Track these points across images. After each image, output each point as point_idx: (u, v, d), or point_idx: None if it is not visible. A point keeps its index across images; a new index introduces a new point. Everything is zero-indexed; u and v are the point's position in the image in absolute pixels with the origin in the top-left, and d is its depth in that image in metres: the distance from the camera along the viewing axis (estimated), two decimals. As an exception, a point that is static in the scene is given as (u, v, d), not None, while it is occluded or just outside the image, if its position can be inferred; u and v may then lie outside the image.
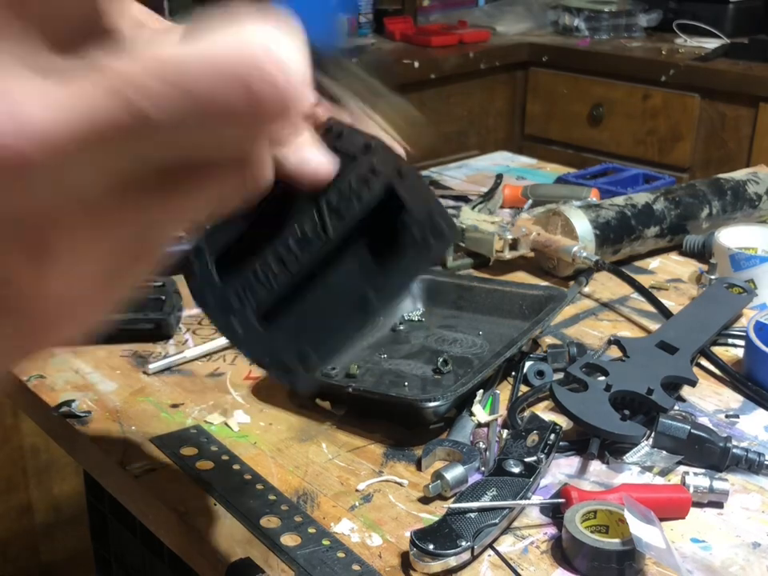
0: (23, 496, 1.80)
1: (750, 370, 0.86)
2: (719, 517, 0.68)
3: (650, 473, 0.72)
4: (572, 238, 1.05)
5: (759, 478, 0.72)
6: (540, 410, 0.80)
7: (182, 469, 0.72)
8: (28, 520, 1.82)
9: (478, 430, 0.77)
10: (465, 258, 1.10)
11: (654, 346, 0.84)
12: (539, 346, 0.90)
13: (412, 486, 0.70)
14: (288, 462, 0.73)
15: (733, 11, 2.45)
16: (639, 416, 0.75)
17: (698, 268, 1.10)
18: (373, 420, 0.78)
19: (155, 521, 0.73)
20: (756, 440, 0.77)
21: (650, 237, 1.11)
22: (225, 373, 0.86)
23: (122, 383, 0.84)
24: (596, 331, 0.96)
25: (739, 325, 0.95)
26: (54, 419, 0.81)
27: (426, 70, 2.29)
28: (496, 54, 2.47)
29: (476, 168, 1.52)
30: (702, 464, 0.72)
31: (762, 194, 1.20)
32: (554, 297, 0.92)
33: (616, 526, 0.63)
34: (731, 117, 2.20)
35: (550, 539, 0.65)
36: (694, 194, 1.16)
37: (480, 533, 0.62)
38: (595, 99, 2.42)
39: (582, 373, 0.78)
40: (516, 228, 1.07)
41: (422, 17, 2.70)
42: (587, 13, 2.59)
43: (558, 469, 0.73)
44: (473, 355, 0.87)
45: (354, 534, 0.65)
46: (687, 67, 2.24)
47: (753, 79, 2.14)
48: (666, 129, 2.30)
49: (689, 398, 0.83)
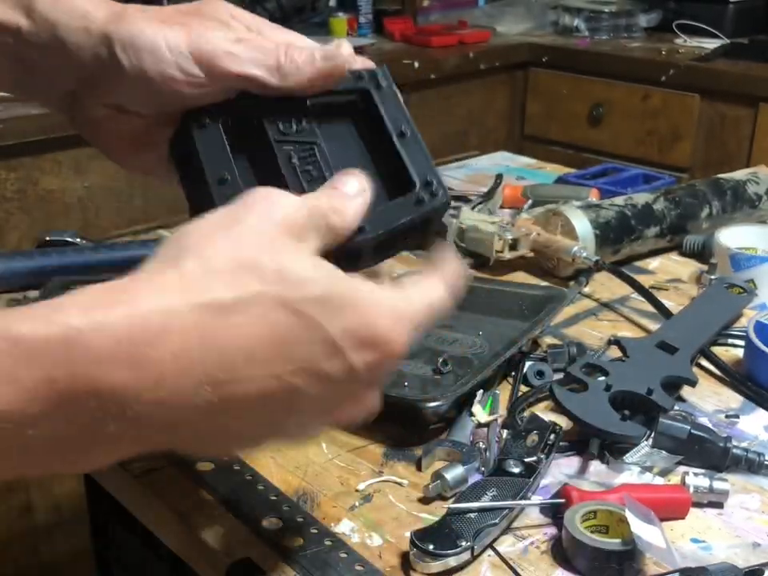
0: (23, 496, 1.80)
1: (749, 370, 0.86)
2: (719, 517, 0.68)
3: (649, 473, 0.72)
4: (572, 238, 1.05)
5: (759, 478, 0.72)
6: (540, 410, 0.80)
7: (183, 469, 0.72)
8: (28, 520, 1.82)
9: (477, 430, 0.77)
10: (465, 258, 1.10)
11: (654, 346, 0.84)
12: (539, 346, 0.90)
13: (412, 485, 0.70)
14: (288, 462, 0.73)
15: (733, 11, 2.45)
16: (639, 416, 0.75)
17: (698, 268, 1.10)
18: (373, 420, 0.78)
19: (155, 521, 0.73)
20: (756, 440, 0.77)
21: (650, 237, 1.12)
22: (225, 373, 0.86)
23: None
24: (596, 331, 0.96)
25: (739, 325, 0.95)
26: (54, 419, 0.81)
27: (426, 70, 2.29)
28: (496, 54, 2.47)
29: (476, 168, 1.52)
30: (702, 464, 0.72)
31: (762, 194, 1.20)
32: (553, 297, 0.92)
33: (616, 526, 0.63)
34: (731, 117, 2.20)
35: (550, 539, 0.65)
36: (693, 194, 1.16)
37: (480, 533, 0.62)
38: (595, 99, 2.42)
39: (581, 373, 0.78)
40: (516, 228, 1.08)
41: (422, 17, 2.70)
42: (587, 13, 2.59)
43: (558, 469, 0.73)
44: (473, 355, 0.87)
45: (354, 534, 0.65)
46: (687, 67, 2.24)
47: (753, 79, 2.14)
48: (666, 129, 2.30)
49: (689, 398, 0.83)
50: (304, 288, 0.43)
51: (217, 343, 0.41)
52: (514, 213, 1.26)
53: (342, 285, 0.45)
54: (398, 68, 2.25)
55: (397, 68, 2.25)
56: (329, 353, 0.44)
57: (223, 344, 0.41)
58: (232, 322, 0.41)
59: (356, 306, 0.44)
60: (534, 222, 1.10)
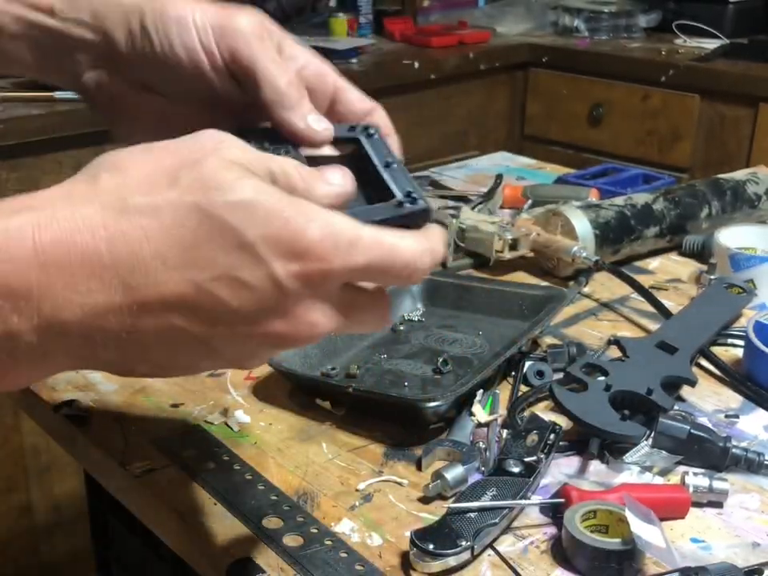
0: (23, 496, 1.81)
1: (749, 370, 0.86)
2: (719, 517, 0.68)
3: (649, 473, 0.72)
4: (572, 238, 1.05)
5: (759, 478, 0.72)
6: (540, 410, 0.80)
7: (183, 469, 0.72)
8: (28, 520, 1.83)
9: (477, 429, 0.77)
10: (465, 258, 1.10)
11: (654, 346, 0.84)
12: (539, 346, 0.90)
13: (412, 485, 0.70)
14: (288, 462, 0.73)
15: (732, 12, 2.45)
16: (639, 416, 0.75)
17: (698, 268, 1.10)
18: (373, 420, 0.78)
19: (155, 521, 0.73)
20: (755, 440, 0.77)
21: (650, 237, 1.12)
22: (225, 373, 0.86)
23: (122, 383, 0.84)
24: (596, 331, 0.96)
25: (739, 325, 0.95)
26: (55, 419, 0.81)
27: (426, 70, 2.29)
28: (496, 54, 2.47)
29: (476, 168, 1.52)
30: (702, 464, 0.72)
31: (762, 194, 1.20)
32: (553, 297, 0.93)
33: (616, 525, 0.63)
34: (731, 117, 2.20)
35: (549, 539, 0.65)
36: (693, 194, 1.16)
37: (480, 532, 0.62)
38: (595, 99, 2.42)
39: (581, 373, 0.78)
40: (516, 228, 1.08)
41: (422, 17, 2.70)
42: (587, 13, 2.59)
43: (558, 469, 0.73)
44: (473, 355, 0.87)
45: (354, 533, 0.65)
46: (687, 68, 2.24)
47: (752, 79, 2.14)
48: (666, 129, 2.30)
49: (688, 397, 0.83)
50: (223, 194, 0.41)
51: (127, 247, 0.40)
52: (514, 213, 1.26)
53: (274, 196, 0.42)
54: (398, 68, 2.26)
55: (397, 68, 2.26)
56: (248, 261, 0.42)
57: (133, 248, 0.40)
58: (142, 224, 0.40)
59: (282, 214, 0.42)
60: (534, 222, 1.10)
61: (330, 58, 0.59)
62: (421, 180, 1.40)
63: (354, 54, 2.23)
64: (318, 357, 0.84)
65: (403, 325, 0.94)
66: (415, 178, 0.57)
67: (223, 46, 0.53)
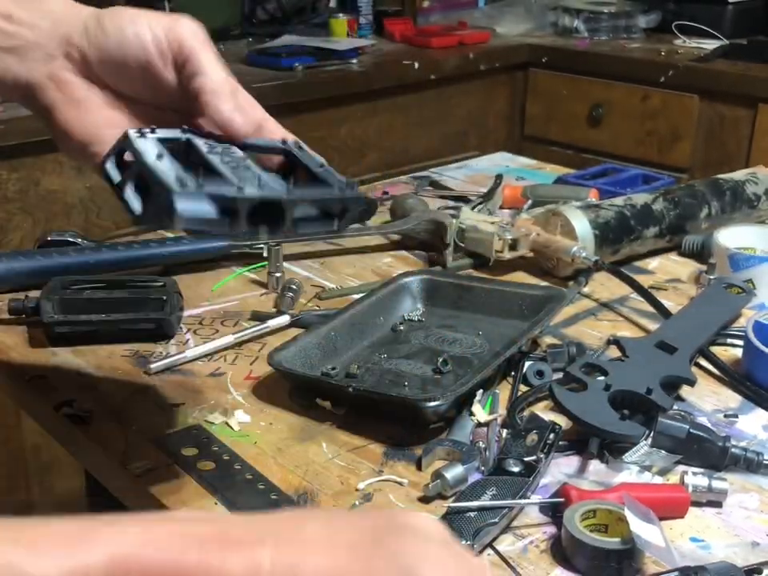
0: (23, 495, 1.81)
1: (748, 369, 0.86)
2: (718, 516, 0.68)
3: (648, 472, 0.73)
4: (571, 238, 1.05)
5: (758, 478, 0.72)
6: (540, 410, 0.80)
7: (183, 469, 0.72)
8: (28, 520, 1.82)
9: (477, 429, 0.77)
10: (465, 258, 1.10)
11: (653, 345, 0.84)
12: (539, 346, 0.91)
13: (412, 485, 0.71)
14: (288, 462, 0.73)
15: (732, 12, 2.45)
16: (638, 415, 0.76)
17: (697, 268, 1.11)
18: (373, 420, 0.78)
19: (156, 520, 0.73)
20: (755, 439, 0.77)
21: (649, 237, 1.12)
22: (225, 373, 0.86)
23: (123, 383, 0.84)
24: (595, 331, 0.96)
25: (738, 325, 0.95)
26: (56, 419, 0.81)
27: (426, 70, 2.29)
28: (496, 55, 2.47)
29: (476, 168, 1.53)
30: (701, 463, 0.72)
31: (761, 194, 1.20)
32: (553, 297, 0.93)
33: (615, 525, 0.64)
34: (730, 117, 2.20)
35: (549, 538, 0.65)
36: (693, 195, 1.16)
37: (480, 532, 0.62)
38: (595, 100, 2.42)
39: (581, 373, 0.78)
40: (516, 228, 1.08)
41: (422, 18, 2.70)
42: (587, 14, 2.59)
43: (558, 468, 0.73)
44: (473, 355, 0.88)
45: (355, 533, 0.65)
46: (686, 68, 2.24)
47: (752, 80, 2.14)
48: (666, 129, 2.30)
49: (688, 397, 0.83)
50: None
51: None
52: (514, 213, 1.26)
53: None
54: (398, 69, 2.26)
55: (397, 69, 2.26)
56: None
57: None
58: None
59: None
60: (534, 222, 1.10)
61: (330, 59, 0.62)
62: (421, 180, 1.41)
63: (354, 54, 2.23)
64: (318, 357, 0.84)
65: (403, 325, 0.94)
66: (415, 178, 0.59)
67: (171, 36, 0.59)
